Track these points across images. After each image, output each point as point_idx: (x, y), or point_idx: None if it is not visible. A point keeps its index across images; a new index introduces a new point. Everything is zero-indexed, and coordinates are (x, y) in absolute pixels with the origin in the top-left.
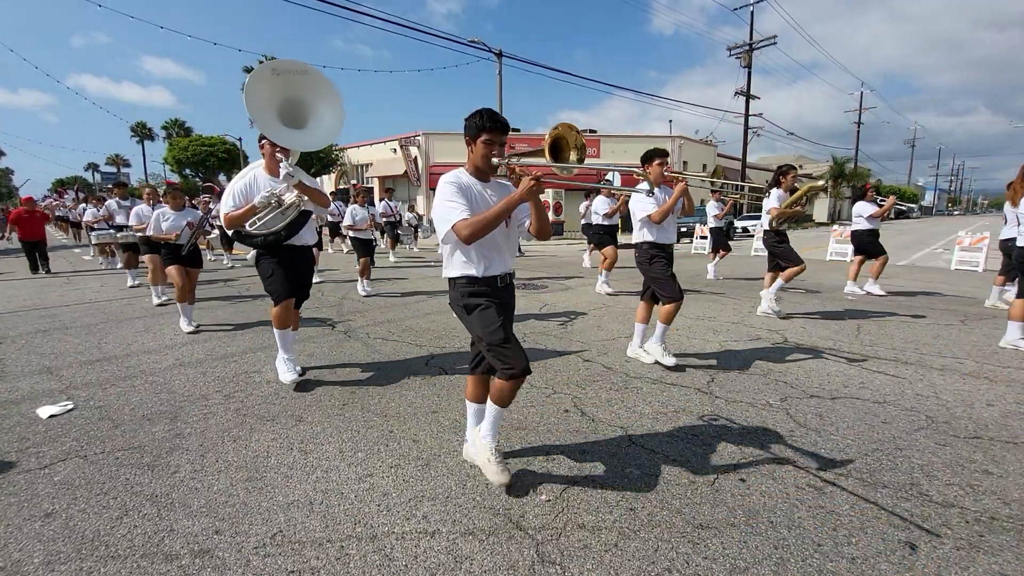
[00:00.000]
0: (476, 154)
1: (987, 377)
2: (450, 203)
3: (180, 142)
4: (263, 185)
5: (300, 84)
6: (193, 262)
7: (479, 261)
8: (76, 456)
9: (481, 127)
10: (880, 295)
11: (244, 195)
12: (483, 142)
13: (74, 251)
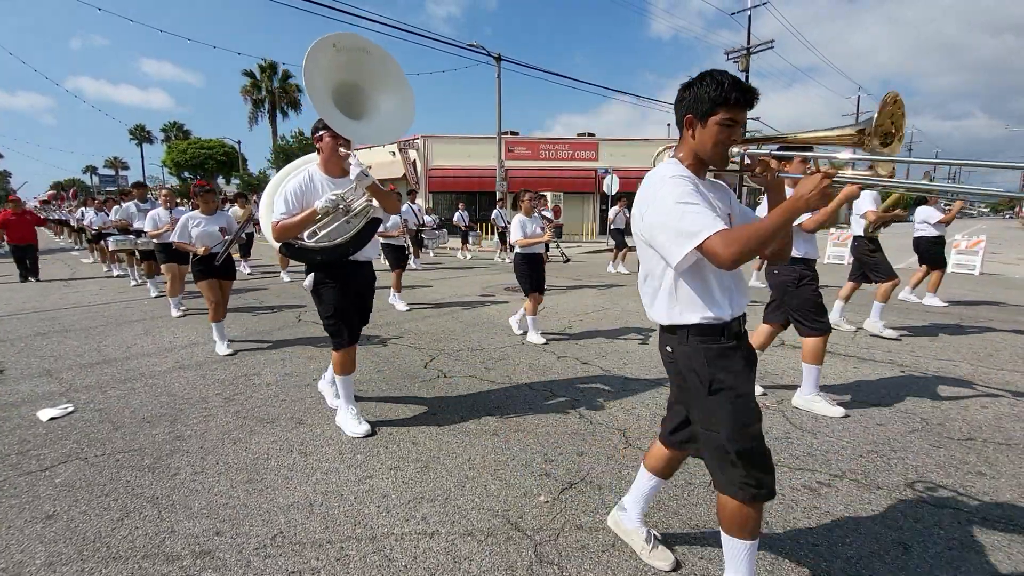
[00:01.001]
0: (704, 139)
1: (981, 379)
2: (693, 207)
3: (179, 145)
4: (321, 186)
5: (360, 65)
6: (227, 273)
7: (723, 295)
8: (77, 458)
9: (720, 100)
10: (941, 306)
11: (299, 198)
12: (721, 122)
13: (72, 254)
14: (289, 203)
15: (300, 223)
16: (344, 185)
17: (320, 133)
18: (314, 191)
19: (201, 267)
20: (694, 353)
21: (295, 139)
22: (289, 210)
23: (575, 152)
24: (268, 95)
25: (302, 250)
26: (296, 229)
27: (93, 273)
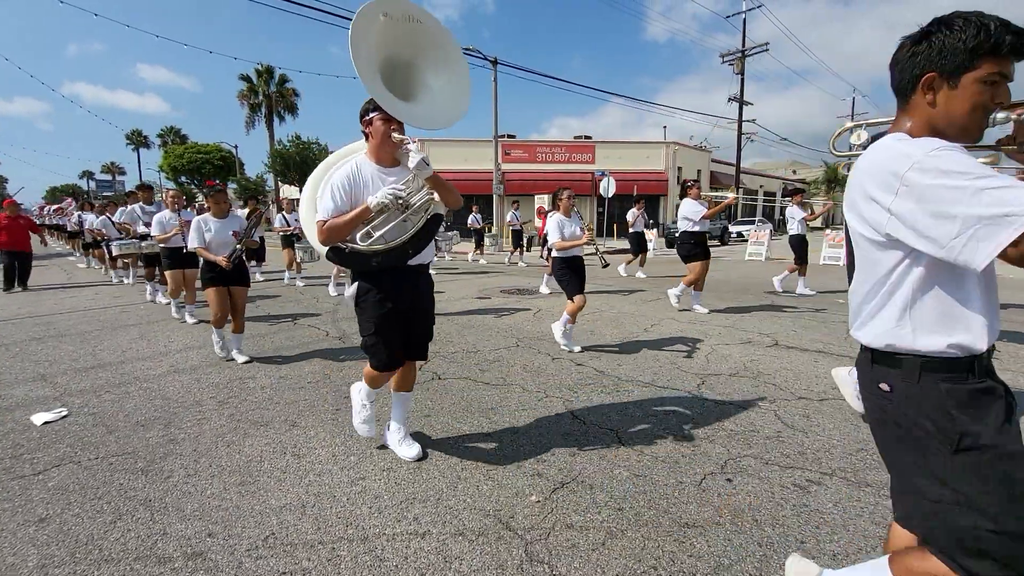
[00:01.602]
0: (955, 104)
1: None
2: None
3: (175, 149)
4: (372, 179)
5: (410, 38)
6: (239, 279)
7: (983, 314)
8: (70, 462)
9: (985, 49)
10: None
11: (348, 193)
12: (984, 79)
13: (68, 259)
14: (336, 199)
15: (351, 222)
16: (398, 177)
17: (370, 116)
18: (364, 184)
19: (212, 273)
20: (928, 395)
21: (292, 143)
22: (337, 207)
23: (571, 155)
24: (265, 99)
25: (353, 255)
26: (346, 230)
27: (89, 278)
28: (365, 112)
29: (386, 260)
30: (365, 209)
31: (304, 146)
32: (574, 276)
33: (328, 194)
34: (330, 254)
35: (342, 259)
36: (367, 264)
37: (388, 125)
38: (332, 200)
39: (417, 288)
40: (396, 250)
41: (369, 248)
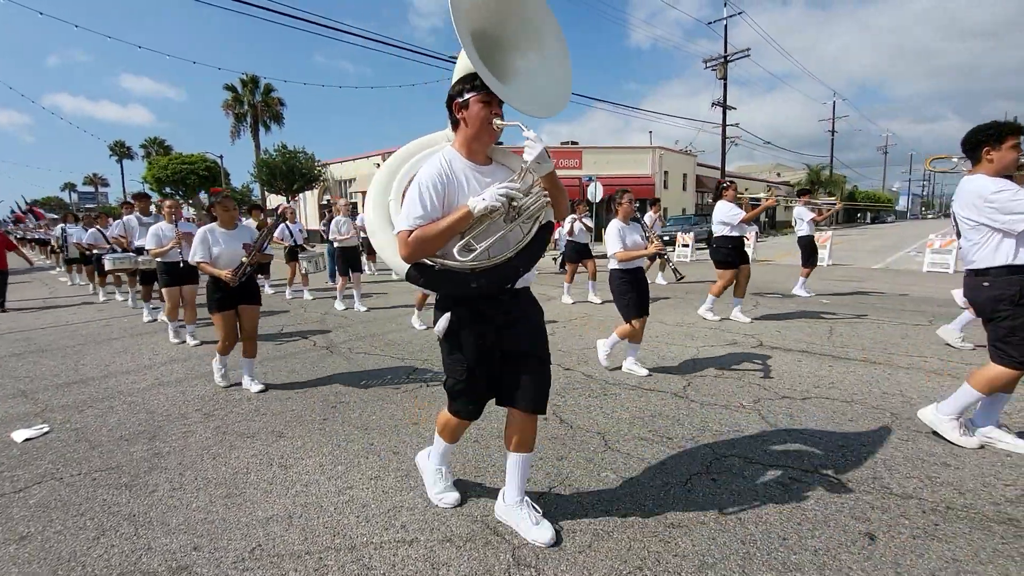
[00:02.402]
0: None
1: (950, 374)
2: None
3: (159, 160)
4: (465, 177)
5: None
6: (248, 297)
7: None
8: (52, 479)
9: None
10: None
11: (440, 196)
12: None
13: (50, 273)
14: (427, 203)
15: (446, 232)
16: (494, 176)
17: (466, 97)
18: (457, 184)
19: (218, 294)
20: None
21: (278, 152)
22: (427, 213)
23: (559, 160)
24: (251, 109)
25: (445, 274)
26: (439, 241)
27: (71, 293)
28: (457, 94)
29: (488, 280)
30: (467, 214)
31: (291, 155)
32: (636, 293)
33: (415, 196)
34: (412, 272)
35: (429, 280)
36: (463, 286)
37: (489, 109)
38: (421, 204)
39: (528, 318)
40: (502, 267)
41: (468, 265)
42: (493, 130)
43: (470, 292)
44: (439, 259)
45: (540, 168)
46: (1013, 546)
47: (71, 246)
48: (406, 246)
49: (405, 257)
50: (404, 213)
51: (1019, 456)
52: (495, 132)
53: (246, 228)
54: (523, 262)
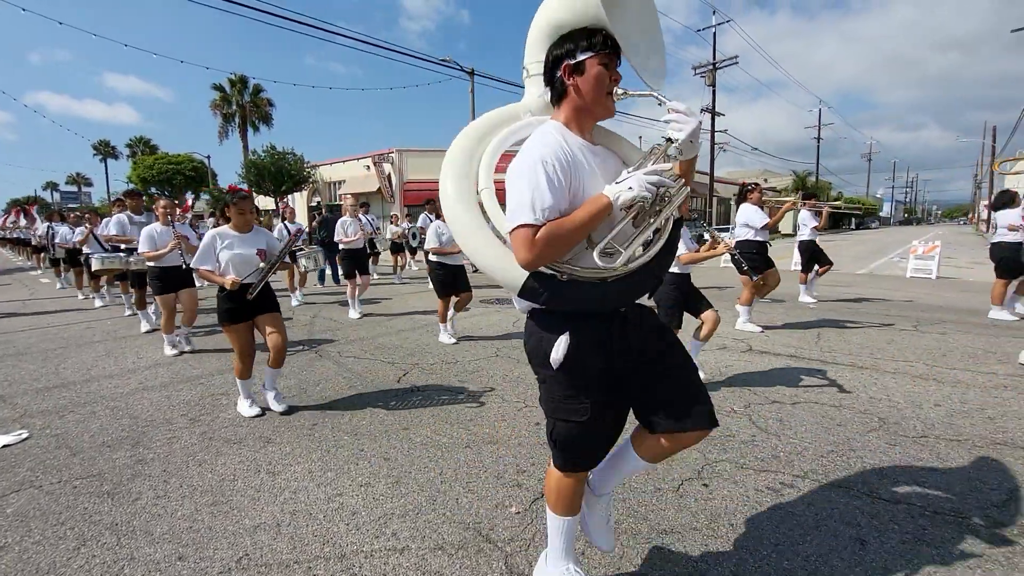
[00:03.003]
0: None
1: (935, 379)
2: None
3: (145, 160)
4: (584, 158)
5: None
6: (265, 306)
7: None
8: (31, 487)
9: None
10: None
11: (566, 179)
12: None
13: (30, 274)
14: (556, 188)
15: (584, 227)
16: (605, 159)
17: (581, 58)
18: (579, 167)
19: (230, 305)
20: None
21: (267, 153)
22: (557, 202)
23: None
24: (239, 109)
25: (574, 285)
26: (574, 240)
27: (52, 294)
28: (567, 54)
29: (623, 292)
30: (606, 206)
31: (279, 156)
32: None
33: (540, 179)
34: (532, 284)
35: (554, 293)
36: (594, 300)
37: (609, 73)
38: (551, 189)
39: (662, 337)
40: (639, 275)
41: (605, 272)
42: (611, 102)
43: (602, 307)
44: (566, 266)
45: (688, 150)
46: (1000, 550)
47: (56, 247)
48: (531, 247)
49: (528, 262)
50: (519, 203)
51: (1005, 461)
52: (612, 105)
53: (261, 232)
54: (662, 268)
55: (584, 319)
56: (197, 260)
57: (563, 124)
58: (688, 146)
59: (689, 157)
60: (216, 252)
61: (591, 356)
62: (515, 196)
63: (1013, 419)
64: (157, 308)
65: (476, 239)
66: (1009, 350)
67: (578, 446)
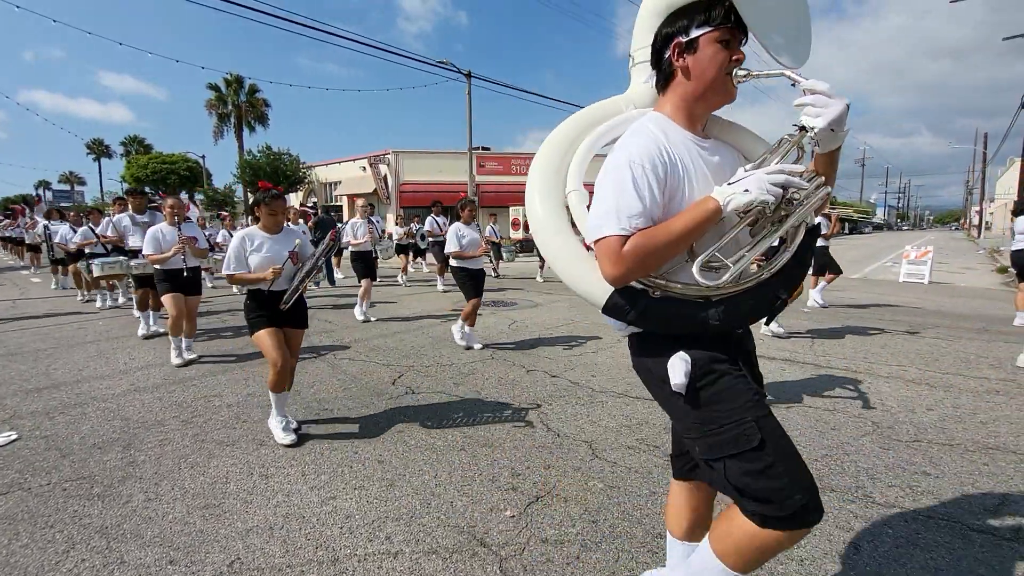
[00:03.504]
0: None
1: (928, 383)
2: None
3: (139, 159)
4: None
5: None
6: (297, 319)
7: None
8: (19, 489)
9: None
10: None
11: (662, 184)
12: None
13: (21, 273)
14: (646, 193)
15: (683, 237)
16: (719, 154)
17: (694, 35)
18: (682, 166)
19: (261, 313)
20: None
21: (263, 153)
22: (648, 209)
23: None
24: (235, 109)
25: (668, 304)
26: (671, 252)
27: (43, 294)
28: (680, 31)
29: (730, 314)
30: (714, 212)
31: (275, 156)
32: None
33: (627, 184)
34: (617, 301)
35: (643, 313)
36: (692, 322)
37: (730, 52)
38: (639, 195)
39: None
40: (754, 295)
41: (707, 290)
42: (731, 85)
43: (703, 330)
44: (660, 280)
45: (829, 141)
46: (992, 554)
47: (55, 246)
48: (619, 260)
49: (614, 278)
50: (605, 210)
51: (997, 466)
52: (733, 89)
53: (292, 232)
54: (784, 285)
55: (695, 342)
56: (228, 265)
57: (667, 115)
58: (829, 136)
59: (830, 149)
60: (246, 256)
61: (722, 361)
62: (600, 202)
63: (1005, 423)
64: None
65: (557, 245)
66: (1001, 355)
67: (770, 481)
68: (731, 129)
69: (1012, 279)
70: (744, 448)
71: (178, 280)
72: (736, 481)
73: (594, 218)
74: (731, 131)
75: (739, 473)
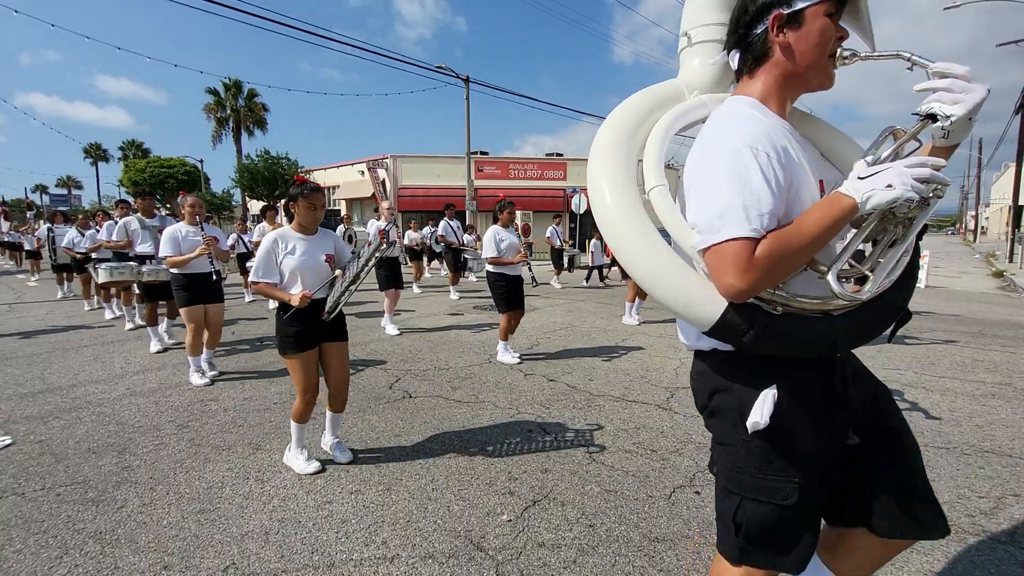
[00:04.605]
0: None
1: (924, 387)
2: None
3: (137, 163)
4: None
5: None
6: (336, 332)
7: None
8: (13, 494)
9: None
10: None
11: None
12: None
13: (18, 277)
14: (773, 186)
15: (819, 240)
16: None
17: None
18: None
19: (299, 328)
20: None
21: (261, 158)
22: (775, 206)
23: (543, 172)
24: (233, 113)
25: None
26: (804, 257)
27: (39, 297)
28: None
29: (851, 331)
30: (850, 209)
31: (273, 161)
32: None
33: (746, 172)
34: (734, 319)
35: (763, 332)
36: (815, 342)
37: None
38: (768, 189)
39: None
40: (873, 308)
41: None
42: (832, 66)
43: (830, 352)
44: (780, 293)
45: (964, 131)
46: (988, 557)
47: (60, 251)
48: (748, 269)
49: (740, 291)
50: (724, 207)
51: (992, 469)
52: (833, 72)
53: (328, 234)
54: (901, 295)
55: (798, 366)
56: (257, 271)
57: (757, 99)
58: (964, 126)
59: (959, 141)
60: (278, 260)
61: (809, 418)
62: (711, 199)
63: (1000, 427)
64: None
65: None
66: (997, 359)
67: (776, 538)
68: (809, 121)
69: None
70: (775, 502)
71: (201, 286)
72: (743, 521)
73: (708, 219)
74: (809, 123)
75: (754, 519)
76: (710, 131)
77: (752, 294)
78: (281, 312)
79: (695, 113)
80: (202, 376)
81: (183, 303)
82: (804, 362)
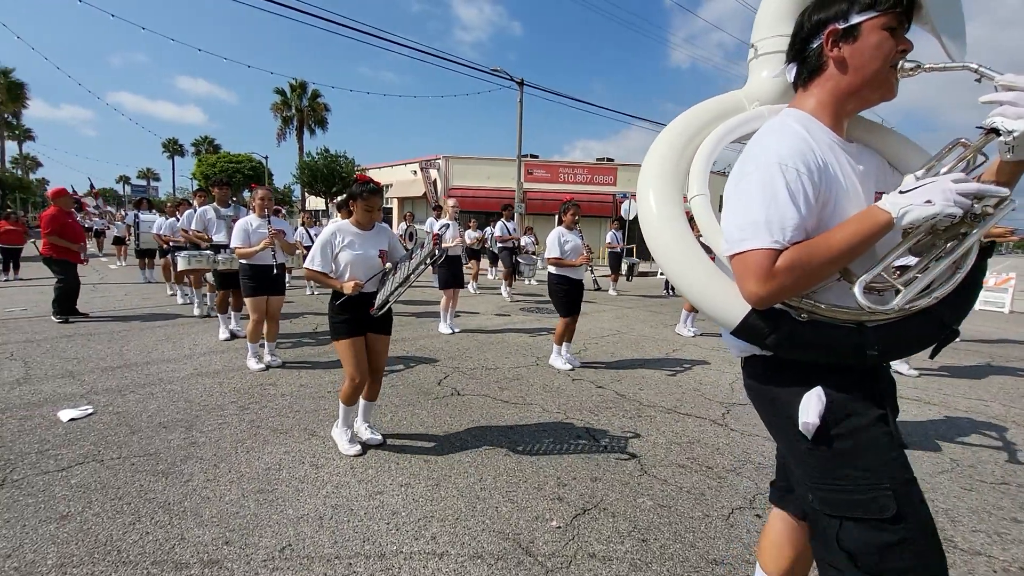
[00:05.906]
0: None
1: (1015, 421)
2: None
3: (208, 158)
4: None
5: None
6: (382, 324)
7: None
8: (93, 460)
9: None
10: None
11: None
12: None
13: (101, 259)
14: (800, 200)
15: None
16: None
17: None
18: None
19: (348, 316)
20: None
21: (320, 156)
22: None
23: (593, 176)
24: (297, 113)
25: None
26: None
27: (119, 279)
28: (837, 16)
29: (888, 343)
30: (884, 224)
31: (332, 159)
32: None
33: (774, 187)
34: (756, 322)
35: (785, 337)
36: (839, 350)
37: (896, 41)
38: (793, 202)
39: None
40: (915, 322)
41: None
42: (894, 80)
43: (858, 362)
44: (808, 301)
45: None
46: None
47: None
48: (767, 278)
49: (759, 297)
50: (750, 220)
51: None
52: (895, 84)
53: (383, 230)
54: (951, 312)
55: (838, 371)
56: (313, 260)
57: (809, 113)
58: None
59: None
60: (334, 252)
61: (866, 409)
62: (743, 209)
63: None
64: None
65: (678, 257)
66: None
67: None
68: (876, 131)
69: None
70: (874, 516)
71: (266, 278)
72: (851, 546)
73: (736, 228)
74: (876, 133)
75: (860, 541)
76: (752, 144)
77: (773, 301)
78: (333, 300)
79: (752, 124)
80: (258, 361)
81: (248, 292)
82: (846, 372)
